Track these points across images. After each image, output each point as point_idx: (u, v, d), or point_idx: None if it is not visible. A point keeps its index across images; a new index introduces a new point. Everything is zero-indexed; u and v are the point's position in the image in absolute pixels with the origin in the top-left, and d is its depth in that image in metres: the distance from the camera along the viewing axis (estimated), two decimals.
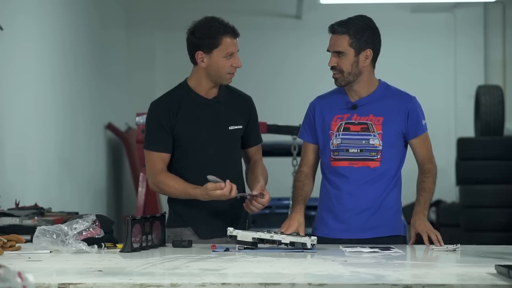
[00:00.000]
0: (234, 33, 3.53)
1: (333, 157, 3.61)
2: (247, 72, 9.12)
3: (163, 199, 3.76)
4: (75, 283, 2.36)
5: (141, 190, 6.34)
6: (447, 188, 9.35)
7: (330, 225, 3.62)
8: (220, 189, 3.37)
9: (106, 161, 8.42)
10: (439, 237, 3.46)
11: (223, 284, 2.35)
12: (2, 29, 5.10)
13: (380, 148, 3.57)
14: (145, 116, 3.71)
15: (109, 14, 8.71)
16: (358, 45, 3.54)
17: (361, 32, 3.55)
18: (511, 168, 7.92)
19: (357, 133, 3.59)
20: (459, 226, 8.07)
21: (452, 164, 8.82)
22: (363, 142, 3.58)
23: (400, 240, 3.63)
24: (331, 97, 3.71)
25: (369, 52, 3.57)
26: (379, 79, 3.69)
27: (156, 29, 9.61)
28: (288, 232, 3.41)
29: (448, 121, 9.74)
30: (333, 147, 3.61)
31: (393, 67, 9.52)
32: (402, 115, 3.61)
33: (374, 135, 3.58)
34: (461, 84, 9.71)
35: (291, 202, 3.78)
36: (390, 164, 3.60)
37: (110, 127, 8.42)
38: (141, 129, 5.70)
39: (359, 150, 3.58)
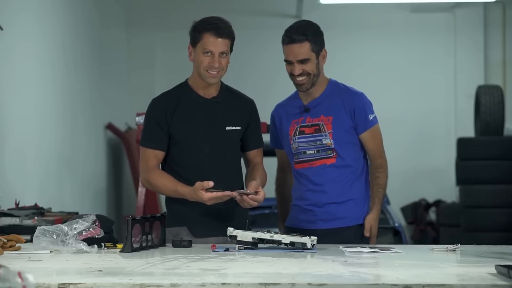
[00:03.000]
0: (217, 33, 3.49)
1: (295, 160, 3.79)
2: (247, 72, 9.13)
3: (163, 199, 3.77)
4: (75, 283, 2.36)
5: (141, 190, 6.33)
6: (447, 188, 9.35)
7: (298, 217, 3.80)
8: (207, 187, 3.38)
9: (106, 161, 8.41)
10: (374, 233, 3.68)
11: (223, 284, 2.35)
12: (2, 29, 5.10)
13: (333, 146, 3.71)
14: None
15: (109, 14, 8.71)
16: (317, 48, 3.68)
17: (317, 35, 3.69)
18: (511, 168, 7.91)
19: (311, 135, 3.74)
20: (459, 226, 8.07)
21: (452, 164, 8.82)
22: (317, 143, 3.73)
23: None
24: (287, 103, 3.88)
25: (324, 52, 3.73)
26: (330, 78, 3.80)
27: (156, 29, 9.60)
28: None
29: (448, 121, 9.74)
30: (293, 151, 3.78)
31: (393, 67, 9.54)
32: (349, 112, 3.73)
33: (326, 135, 3.73)
34: (461, 84, 9.70)
35: None
36: (347, 160, 3.73)
37: (110, 127, 8.41)
38: (141, 129, 5.67)
39: (315, 151, 3.73)
